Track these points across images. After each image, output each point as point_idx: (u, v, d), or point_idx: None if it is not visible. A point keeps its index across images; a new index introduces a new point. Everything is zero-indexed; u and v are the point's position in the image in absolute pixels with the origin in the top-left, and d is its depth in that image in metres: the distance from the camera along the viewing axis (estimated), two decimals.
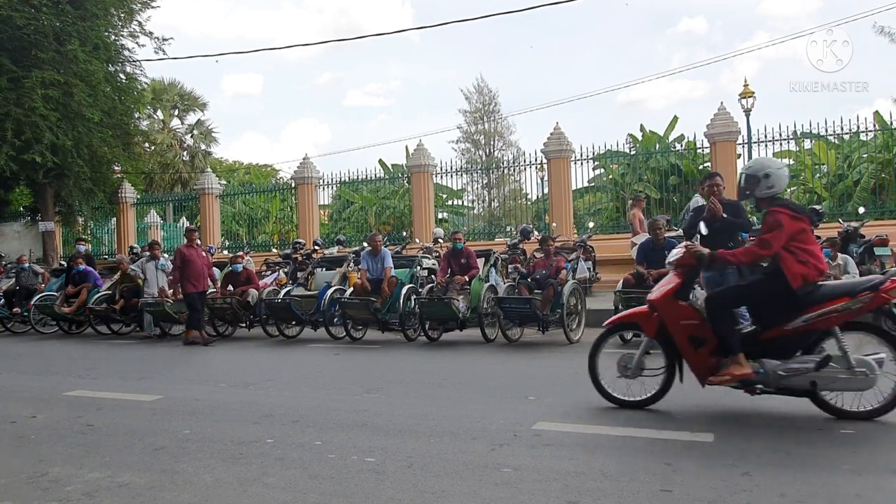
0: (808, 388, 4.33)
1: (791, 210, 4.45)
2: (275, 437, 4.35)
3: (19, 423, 5.07)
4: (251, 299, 10.29)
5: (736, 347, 4.42)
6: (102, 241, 21.65)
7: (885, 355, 4.24)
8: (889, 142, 15.55)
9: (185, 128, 34.01)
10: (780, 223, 4.35)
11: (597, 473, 3.45)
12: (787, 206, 4.53)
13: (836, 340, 4.28)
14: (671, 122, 21.89)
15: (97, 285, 11.93)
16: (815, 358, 4.30)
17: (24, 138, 15.58)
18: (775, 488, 3.18)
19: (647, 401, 4.84)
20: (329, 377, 7.12)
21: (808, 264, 4.30)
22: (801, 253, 4.32)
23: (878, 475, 3.35)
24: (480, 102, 36.68)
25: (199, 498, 3.32)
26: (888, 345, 4.25)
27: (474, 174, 22.16)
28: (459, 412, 4.92)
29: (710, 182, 7.04)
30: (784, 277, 4.32)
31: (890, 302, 4.40)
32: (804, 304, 4.31)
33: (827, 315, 4.27)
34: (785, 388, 4.40)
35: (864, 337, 4.41)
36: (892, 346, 4.24)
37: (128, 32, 18.77)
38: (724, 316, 4.50)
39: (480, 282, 9.14)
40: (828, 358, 4.27)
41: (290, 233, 21.15)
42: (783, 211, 4.41)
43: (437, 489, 3.31)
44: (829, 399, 4.41)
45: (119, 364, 8.29)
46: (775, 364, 4.37)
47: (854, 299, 4.25)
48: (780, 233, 4.33)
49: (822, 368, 4.25)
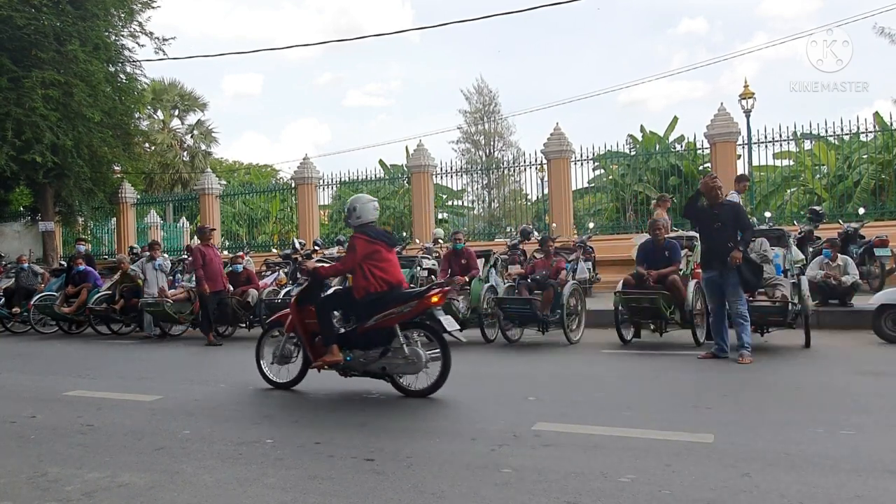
0: (381, 371, 5.53)
1: (368, 236, 5.60)
2: (274, 438, 4.35)
3: (19, 423, 5.07)
4: (251, 299, 10.29)
5: (331, 340, 5.59)
6: (102, 241, 21.66)
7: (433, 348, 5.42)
8: (889, 143, 15.55)
9: (186, 128, 34.03)
10: (354, 247, 5.61)
11: (596, 474, 3.45)
12: (366, 232, 5.63)
13: (398, 336, 5.41)
14: (671, 123, 21.93)
15: (97, 285, 11.93)
16: (380, 349, 5.48)
17: (25, 138, 15.58)
18: (775, 489, 3.17)
19: (290, 383, 5.99)
20: (329, 378, 7.10)
21: (371, 279, 5.49)
22: (371, 270, 5.51)
23: (879, 476, 3.34)
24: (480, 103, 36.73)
25: (198, 498, 3.31)
26: (436, 339, 5.45)
27: (474, 174, 22.14)
28: (459, 412, 4.92)
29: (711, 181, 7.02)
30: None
31: (434, 306, 5.53)
32: (374, 309, 5.47)
33: (387, 317, 5.45)
34: (368, 371, 5.59)
35: (420, 333, 5.56)
36: (439, 341, 5.42)
37: (128, 32, 18.80)
38: (323, 317, 5.64)
39: (480, 282, 9.14)
40: (387, 349, 5.44)
41: (290, 233, 21.15)
42: (360, 237, 5.60)
43: (437, 489, 3.31)
44: (399, 380, 5.56)
45: (119, 364, 8.28)
46: (359, 353, 5.57)
47: (405, 304, 5.43)
48: (353, 254, 5.59)
49: (384, 356, 5.46)
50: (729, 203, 7.20)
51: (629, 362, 7.24)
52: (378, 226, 5.91)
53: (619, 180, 20.49)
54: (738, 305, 6.76)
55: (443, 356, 5.39)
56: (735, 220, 6.87)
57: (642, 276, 7.87)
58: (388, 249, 5.73)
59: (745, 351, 6.64)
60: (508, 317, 8.56)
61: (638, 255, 8.34)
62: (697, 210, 7.11)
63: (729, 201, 7.37)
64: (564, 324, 8.20)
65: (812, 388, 5.56)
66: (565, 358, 7.59)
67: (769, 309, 7.30)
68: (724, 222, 6.86)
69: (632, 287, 7.87)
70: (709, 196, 6.99)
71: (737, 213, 7.02)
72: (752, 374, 6.09)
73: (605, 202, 21.71)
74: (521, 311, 8.41)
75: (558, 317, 8.27)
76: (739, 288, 6.78)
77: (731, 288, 6.77)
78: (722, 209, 6.94)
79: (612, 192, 20.81)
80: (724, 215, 6.89)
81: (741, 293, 6.80)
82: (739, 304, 6.76)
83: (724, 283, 6.82)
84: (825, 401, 5.07)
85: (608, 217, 19.90)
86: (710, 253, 6.91)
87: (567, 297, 8.30)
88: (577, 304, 8.65)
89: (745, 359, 6.55)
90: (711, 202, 6.98)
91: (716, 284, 6.93)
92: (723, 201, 7.04)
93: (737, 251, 6.69)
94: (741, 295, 6.80)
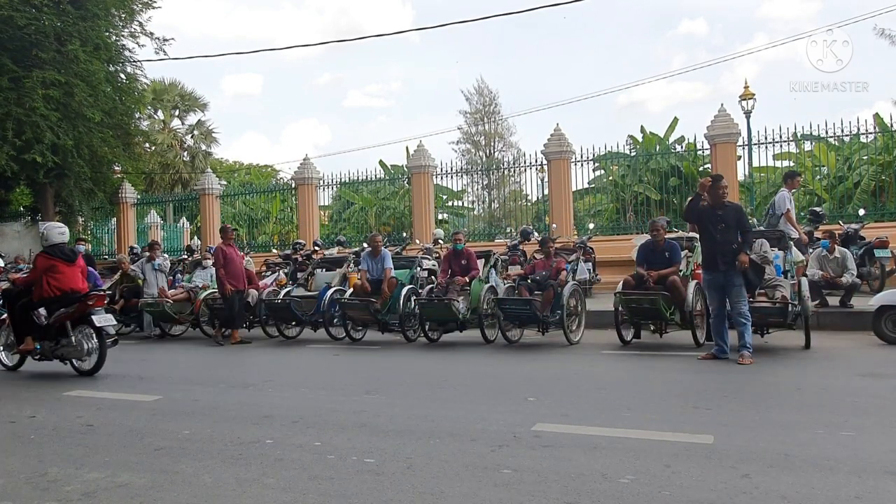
0: (60, 357, 7.17)
1: (48, 255, 7.19)
2: (274, 438, 4.35)
3: (18, 423, 5.07)
4: (251, 300, 10.29)
5: (23, 334, 7.29)
6: (103, 241, 21.64)
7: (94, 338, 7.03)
8: (889, 144, 15.55)
9: (186, 128, 34.03)
10: (35, 263, 7.32)
11: (596, 475, 3.45)
12: (48, 252, 7.21)
13: (69, 330, 6.99)
14: (671, 124, 21.95)
15: (97, 285, 11.91)
16: (57, 340, 7.11)
17: (25, 138, 15.57)
18: (775, 490, 3.17)
19: (16, 366, 7.73)
20: (329, 378, 7.12)
21: (47, 287, 7.07)
22: (48, 280, 7.08)
23: (879, 477, 3.34)
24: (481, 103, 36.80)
25: (198, 498, 3.31)
26: (96, 332, 7.01)
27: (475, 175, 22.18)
28: (459, 413, 4.92)
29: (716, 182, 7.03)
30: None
31: (92, 308, 7.04)
32: (52, 310, 7.15)
33: (59, 315, 7.07)
34: (56, 357, 7.20)
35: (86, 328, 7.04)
36: (98, 334, 7.00)
37: (128, 33, 18.76)
38: (15, 316, 7.34)
39: (480, 283, 9.14)
40: (62, 341, 7.05)
41: (290, 233, 21.14)
42: (42, 255, 7.24)
43: (437, 490, 3.31)
44: (74, 364, 7.17)
45: (119, 364, 8.28)
46: (46, 344, 7.20)
47: (70, 307, 7.07)
48: (35, 269, 7.26)
49: (60, 346, 7.09)
50: (732, 205, 7.19)
51: (629, 363, 7.24)
52: (66, 246, 7.44)
53: (619, 181, 20.50)
54: (741, 306, 6.76)
55: (100, 345, 7.01)
56: (738, 222, 6.87)
57: (642, 276, 7.87)
58: (67, 265, 7.22)
59: (745, 351, 6.64)
60: (508, 317, 8.56)
61: (638, 255, 8.34)
62: (699, 211, 7.09)
63: (732, 203, 7.36)
64: (564, 324, 8.19)
65: (812, 390, 5.56)
66: (565, 358, 7.59)
67: (769, 310, 7.29)
68: (728, 224, 6.86)
69: (632, 288, 7.87)
70: (712, 197, 6.97)
71: (739, 215, 7.01)
72: (751, 375, 6.09)
73: (605, 203, 21.72)
74: (521, 311, 8.41)
75: (558, 317, 8.27)
76: (744, 289, 6.78)
77: (736, 289, 6.77)
78: (725, 210, 6.93)
79: (613, 192, 20.81)
80: (727, 216, 6.88)
81: (744, 294, 6.80)
82: (742, 305, 6.76)
83: (727, 284, 6.82)
84: (825, 402, 5.07)
85: (608, 218, 19.90)
86: (715, 254, 6.89)
87: (567, 298, 8.29)
88: (577, 305, 8.65)
89: (746, 359, 6.55)
90: (714, 203, 6.97)
91: (718, 285, 6.92)
92: (725, 202, 7.03)
93: (743, 255, 6.70)
94: (744, 296, 6.80)
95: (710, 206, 7.00)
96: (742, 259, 6.70)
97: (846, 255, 9.43)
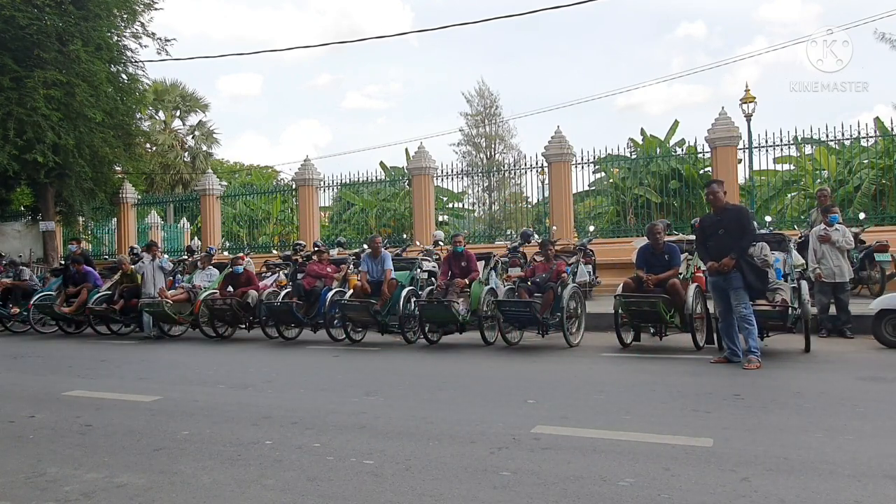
0: None
1: None
2: (273, 439, 4.35)
3: (17, 423, 5.07)
4: (251, 301, 10.29)
5: None
6: (103, 241, 21.67)
7: None
8: (890, 148, 15.55)
9: (187, 129, 34.09)
10: None
11: (596, 478, 3.45)
12: None
13: None
14: (672, 127, 21.95)
15: (97, 285, 11.94)
16: None
17: (26, 138, 15.59)
18: (774, 494, 3.17)
19: None
20: (328, 379, 7.11)
21: None
22: None
23: (878, 481, 3.34)
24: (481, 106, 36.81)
25: (197, 499, 3.31)
26: None
27: (475, 177, 22.13)
28: (458, 415, 4.91)
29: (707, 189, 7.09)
30: None
31: None
32: None
33: None
34: None
35: None
36: None
37: (130, 33, 18.81)
38: None
39: (480, 285, 9.14)
40: None
41: (290, 234, 21.14)
42: None
43: (436, 492, 3.31)
44: None
45: (118, 364, 8.28)
46: None
47: None
48: None
49: None
50: (734, 208, 7.18)
51: (629, 366, 7.23)
52: None
53: (619, 184, 20.49)
54: (742, 308, 6.73)
55: None
56: (739, 224, 6.85)
57: (642, 279, 7.86)
58: None
59: (752, 356, 6.59)
60: (508, 319, 8.56)
61: (638, 258, 8.33)
62: (702, 221, 7.25)
63: (733, 206, 7.35)
64: (564, 327, 8.19)
65: (812, 393, 5.55)
66: (565, 361, 7.59)
67: (769, 313, 7.27)
68: (728, 228, 6.85)
69: (632, 290, 7.86)
70: (710, 203, 6.99)
71: (741, 216, 6.98)
72: (751, 379, 6.08)
73: (605, 205, 21.71)
74: (521, 313, 8.40)
75: (558, 320, 8.27)
76: (743, 291, 6.76)
77: (735, 291, 6.76)
78: (725, 214, 6.93)
79: (613, 195, 20.81)
80: (727, 220, 6.87)
81: (745, 296, 6.76)
82: (743, 308, 6.72)
83: (728, 287, 6.81)
84: (825, 406, 5.06)
85: (609, 220, 19.90)
86: (713, 258, 6.90)
87: (567, 300, 8.29)
88: (576, 308, 8.65)
89: (752, 364, 6.49)
90: (715, 208, 6.98)
91: (720, 288, 6.92)
92: (727, 206, 7.02)
93: (728, 259, 6.69)
94: (745, 298, 6.76)
95: (711, 213, 7.02)
96: (724, 262, 6.68)
97: (845, 231, 8.67)
